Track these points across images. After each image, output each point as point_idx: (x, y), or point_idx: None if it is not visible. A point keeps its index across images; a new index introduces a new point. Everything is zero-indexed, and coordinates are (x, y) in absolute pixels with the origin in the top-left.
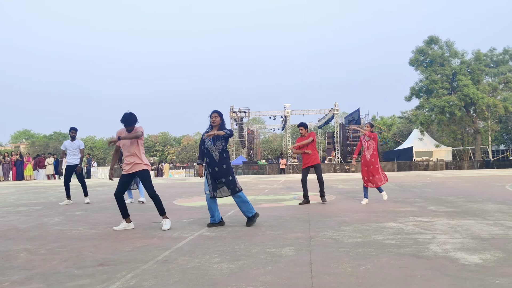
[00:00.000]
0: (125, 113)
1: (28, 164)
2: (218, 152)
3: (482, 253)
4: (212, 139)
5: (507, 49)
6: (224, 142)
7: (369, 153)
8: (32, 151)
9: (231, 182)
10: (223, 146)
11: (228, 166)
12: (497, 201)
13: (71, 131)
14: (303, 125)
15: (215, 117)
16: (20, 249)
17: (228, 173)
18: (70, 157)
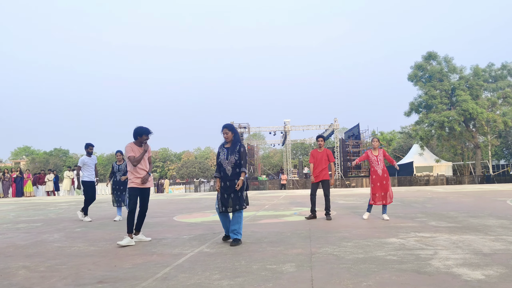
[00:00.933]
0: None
1: (28, 180)
2: (231, 167)
3: (485, 268)
4: (226, 153)
5: (505, 64)
6: (238, 156)
7: (380, 168)
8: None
9: (239, 198)
10: (236, 160)
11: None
12: (498, 216)
13: (88, 147)
14: (323, 137)
15: (226, 132)
16: (19, 266)
17: (241, 188)
18: (89, 173)
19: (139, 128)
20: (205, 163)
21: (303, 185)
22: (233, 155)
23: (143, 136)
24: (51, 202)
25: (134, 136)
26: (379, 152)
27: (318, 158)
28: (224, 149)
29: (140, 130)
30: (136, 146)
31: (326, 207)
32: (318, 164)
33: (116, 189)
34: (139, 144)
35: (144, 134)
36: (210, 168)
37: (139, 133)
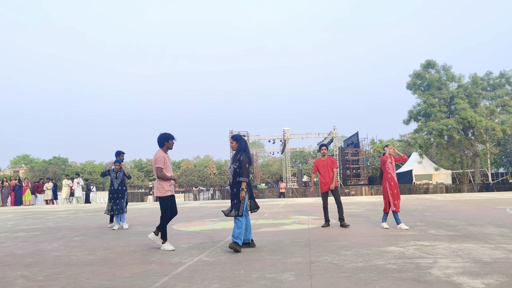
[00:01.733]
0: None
1: (27, 189)
2: (232, 175)
3: (485, 277)
4: (231, 162)
5: (503, 72)
6: (238, 165)
7: (394, 175)
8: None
9: (235, 206)
10: (235, 169)
11: (238, 190)
12: (498, 225)
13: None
14: (326, 146)
15: (231, 142)
16: (17, 275)
17: (235, 197)
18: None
19: (164, 134)
20: (204, 172)
21: (303, 193)
22: (234, 163)
23: (170, 141)
24: (49, 210)
25: (161, 143)
26: (392, 159)
27: (323, 166)
28: (231, 159)
29: (166, 135)
30: (166, 155)
31: (340, 214)
32: (324, 172)
33: (114, 197)
34: (166, 150)
35: (170, 139)
36: (209, 177)
37: (166, 139)
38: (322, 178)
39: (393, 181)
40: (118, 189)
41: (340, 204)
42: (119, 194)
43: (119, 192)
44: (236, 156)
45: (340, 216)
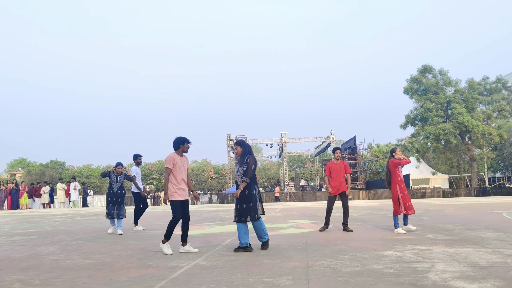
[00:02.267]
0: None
1: (24, 193)
2: (240, 178)
3: (482, 281)
4: (237, 166)
5: (500, 77)
6: (246, 166)
7: (401, 177)
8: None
9: (252, 209)
10: (243, 171)
11: (250, 192)
12: (495, 229)
13: (137, 157)
14: (340, 149)
15: (235, 148)
16: (13, 279)
17: (249, 200)
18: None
19: (179, 137)
20: (202, 176)
21: (300, 197)
22: (242, 166)
23: (185, 144)
24: (46, 214)
25: (176, 146)
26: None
27: (336, 170)
28: (237, 163)
29: (182, 139)
30: (178, 157)
31: (345, 219)
32: (336, 176)
33: (113, 201)
34: (181, 154)
35: (186, 142)
36: (207, 181)
37: (181, 142)
38: (333, 181)
39: (402, 184)
40: (118, 192)
41: (347, 209)
42: (119, 198)
43: (119, 196)
44: (243, 159)
45: (344, 221)
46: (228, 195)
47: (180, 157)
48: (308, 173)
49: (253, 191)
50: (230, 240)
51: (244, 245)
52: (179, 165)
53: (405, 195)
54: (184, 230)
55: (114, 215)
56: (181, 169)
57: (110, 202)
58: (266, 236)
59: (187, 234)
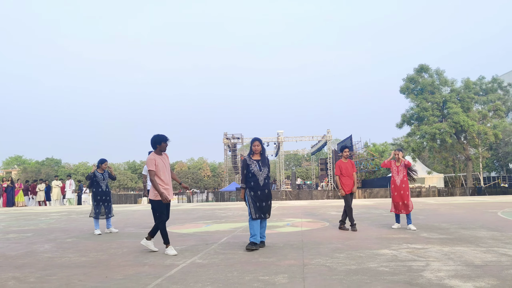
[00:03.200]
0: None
1: (20, 190)
2: (263, 178)
3: (476, 280)
4: (258, 165)
5: (495, 77)
6: (268, 167)
7: (399, 178)
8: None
9: (270, 207)
10: (267, 172)
11: (269, 192)
12: (489, 228)
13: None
14: (348, 147)
15: (257, 145)
16: (8, 277)
17: (270, 197)
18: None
19: (156, 136)
20: (198, 174)
21: (296, 196)
22: (265, 167)
23: (162, 143)
24: (42, 212)
25: (153, 145)
26: (401, 163)
27: (346, 168)
28: (254, 161)
29: (159, 137)
30: (158, 157)
31: (344, 217)
32: (347, 174)
33: (102, 199)
34: (159, 153)
35: (163, 141)
36: (203, 179)
37: (158, 141)
38: (346, 180)
39: (393, 184)
40: (106, 191)
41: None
42: (107, 196)
43: (107, 194)
44: (266, 160)
45: (342, 219)
46: (224, 194)
47: (159, 156)
48: (305, 172)
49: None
50: (226, 238)
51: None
52: (161, 165)
53: (398, 194)
54: (155, 227)
55: (104, 214)
56: (163, 168)
57: (100, 201)
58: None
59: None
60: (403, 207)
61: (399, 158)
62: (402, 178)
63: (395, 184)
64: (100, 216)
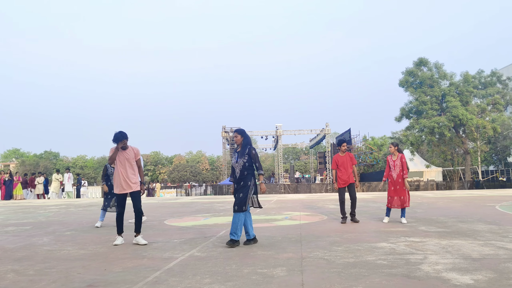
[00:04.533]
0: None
1: (18, 183)
2: (239, 169)
3: (474, 273)
4: (236, 157)
5: (494, 71)
6: (247, 159)
7: (395, 172)
8: (22, 170)
9: (241, 199)
10: (245, 163)
11: (245, 184)
12: (487, 222)
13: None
14: (345, 141)
15: (235, 136)
16: (7, 269)
17: (241, 190)
18: None
19: (117, 133)
20: (197, 167)
21: (295, 189)
22: (242, 157)
23: (119, 143)
24: (40, 205)
25: (115, 142)
26: (397, 157)
27: (342, 162)
28: (236, 153)
29: (118, 135)
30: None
31: (353, 210)
32: (344, 168)
33: (111, 193)
34: (123, 149)
35: (119, 140)
36: (202, 172)
37: (116, 140)
38: (341, 174)
39: (390, 178)
40: None
41: (355, 200)
42: None
43: None
44: (245, 150)
45: (352, 212)
46: (223, 187)
47: (122, 150)
48: (303, 165)
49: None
50: (225, 232)
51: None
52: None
53: (394, 189)
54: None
55: (114, 207)
56: (122, 162)
57: (108, 194)
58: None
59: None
60: (398, 202)
61: (395, 152)
62: (398, 173)
63: (392, 178)
64: (108, 208)
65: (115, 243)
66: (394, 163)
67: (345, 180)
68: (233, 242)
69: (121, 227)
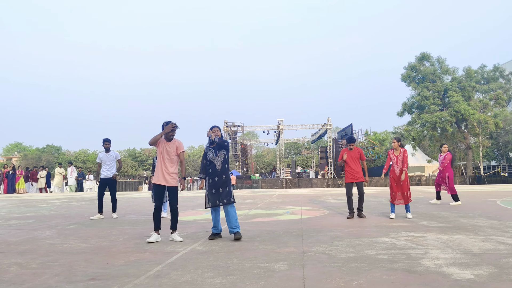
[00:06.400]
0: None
1: (21, 177)
2: (220, 162)
3: (474, 268)
4: (214, 150)
5: (497, 66)
6: (226, 152)
7: (398, 168)
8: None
9: (228, 193)
10: (225, 155)
11: (227, 177)
12: (488, 217)
13: (104, 142)
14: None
15: (217, 131)
16: (10, 263)
17: (226, 184)
18: (105, 169)
19: (165, 122)
20: (198, 161)
21: (296, 184)
22: (221, 151)
23: (165, 129)
24: (43, 199)
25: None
26: (400, 153)
27: (351, 157)
28: (211, 148)
29: (166, 124)
30: (163, 140)
31: (360, 205)
32: (352, 163)
33: None
34: (167, 139)
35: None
36: None
37: (162, 126)
38: (350, 169)
39: (392, 174)
40: None
41: (362, 196)
42: None
43: None
44: (222, 144)
45: (359, 207)
46: None
47: (166, 141)
48: (305, 160)
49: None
50: (226, 226)
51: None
52: (161, 148)
53: (398, 185)
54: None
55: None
56: (163, 153)
57: None
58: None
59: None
60: (402, 197)
61: (397, 147)
62: (401, 168)
63: (394, 174)
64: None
65: (149, 240)
66: (397, 159)
67: (354, 175)
68: (239, 234)
69: (158, 222)
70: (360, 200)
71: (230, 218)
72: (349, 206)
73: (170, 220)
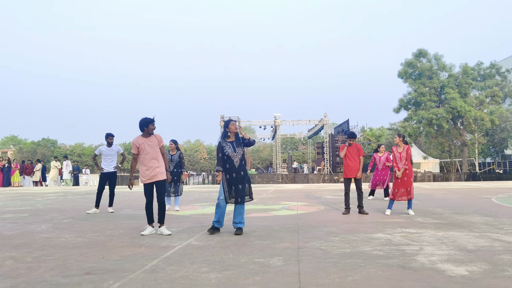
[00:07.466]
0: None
1: (16, 170)
2: (238, 159)
3: (469, 265)
4: (232, 146)
5: (494, 63)
6: (244, 149)
7: (401, 164)
8: (19, 157)
9: (249, 190)
10: (243, 152)
11: (246, 173)
12: (483, 214)
13: (108, 137)
14: (354, 136)
15: (232, 125)
16: (5, 256)
17: (244, 180)
18: (106, 163)
19: (143, 119)
20: (195, 156)
21: (292, 179)
22: (240, 147)
23: (150, 125)
24: (38, 192)
25: (141, 128)
26: (403, 149)
27: (351, 152)
28: (228, 143)
29: (145, 120)
30: (142, 139)
31: (360, 202)
32: (351, 158)
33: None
34: (147, 135)
35: (150, 123)
36: (200, 161)
37: (145, 124)
38: (347, 164)
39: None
40: (174, 171)
41: (361, 191)
42: (174, 176)
43: (175, 174)
44: (239, 141)
45: (359, 204)
46: None
47: (146, 138)
48: (301, 156)
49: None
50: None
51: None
52: (147, 149)
53: (401, 181)
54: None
55: (170, 193)
56: (150, 152)
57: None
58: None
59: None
60: (404, 193)
61: (400, 143)
62: (404, 164)
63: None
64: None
65: (143, 233)
66: (400, 155)
67: (351, 171)
68: (240, 230)
69: (151, 216)
70: (359, 196)
71: (238, 214)
72: (345, 202)
73: (158, 214)
